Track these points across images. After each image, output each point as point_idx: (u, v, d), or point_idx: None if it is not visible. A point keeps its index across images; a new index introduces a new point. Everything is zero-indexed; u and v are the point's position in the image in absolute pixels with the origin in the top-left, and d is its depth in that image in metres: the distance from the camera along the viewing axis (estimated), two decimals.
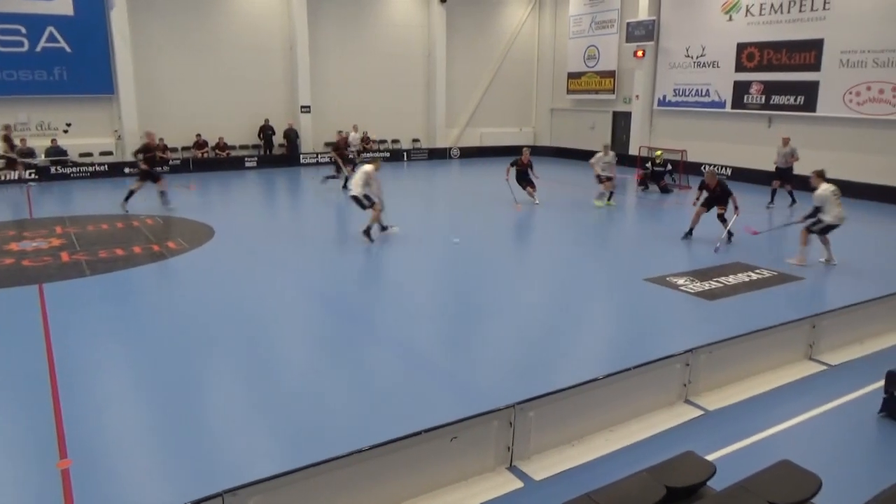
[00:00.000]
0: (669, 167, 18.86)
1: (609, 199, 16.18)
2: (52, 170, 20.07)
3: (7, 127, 19.20)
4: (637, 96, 24.02)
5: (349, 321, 8.20)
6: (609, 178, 16.03)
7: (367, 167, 11.99)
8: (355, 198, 11.89)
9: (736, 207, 11.86)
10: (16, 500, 4.52)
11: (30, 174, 19.56)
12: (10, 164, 19.09)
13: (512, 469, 4.83)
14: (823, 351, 6.99)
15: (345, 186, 16.93)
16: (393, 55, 25.72)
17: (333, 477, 4.13)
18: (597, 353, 7.31)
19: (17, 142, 19.66)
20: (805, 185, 11.62)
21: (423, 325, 8.13)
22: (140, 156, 14.58)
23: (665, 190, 18.61)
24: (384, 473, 4.33)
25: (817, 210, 10.23)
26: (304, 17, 23.22)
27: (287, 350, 7.31)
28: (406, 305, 8.77)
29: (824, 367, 6.74)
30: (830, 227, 10.35)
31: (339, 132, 19.91)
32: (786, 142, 16.27)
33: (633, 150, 23.29)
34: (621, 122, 25.57)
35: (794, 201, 16.19)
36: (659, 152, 19.08)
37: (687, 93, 22.69)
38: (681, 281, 9.59)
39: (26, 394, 6.00)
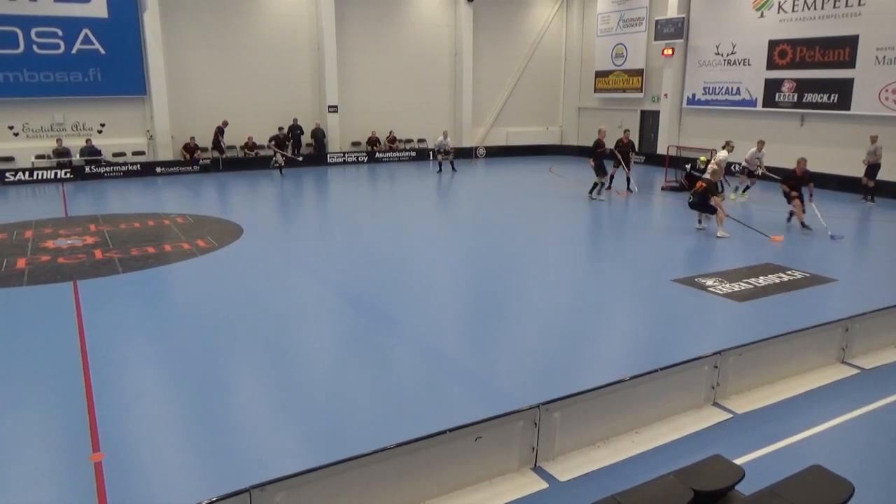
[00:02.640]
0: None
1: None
2: (87, 169, 20.55)
3: None
4: (666, 95, 23.73)
5: (374, 320, 8.24)
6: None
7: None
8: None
9: (811, 195, 13.06)
10: (51, 492, 4.64)
11: (65, 173, 20.07)
12: None
13: (536, 470, 4.81)
14: (857, 354, 6.83)
15: None
16: (420, 55, 25.80)
17: (358, 475, 4.16)
18: (624, 355, 7.25)
19: (53, 142, 20.20)
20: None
21: (448, 325, 8.14)
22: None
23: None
24: (408, 472, 4.35)
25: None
26: (332, 18, 23.43)
27: (312, 348, 7.39)
28: (432, 304, 8.78)
29: (857, 371, 6.59)
30: None
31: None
32: (873, 139, 16.20)
33: (661, 150, 23.01)
34: (649, 121, 25.29)
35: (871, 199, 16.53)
36: (703, 157, 18.36)
37: (717, 91, 22.35)
38: (709, 282, 9.46)
39: (61, 388, 6.15)
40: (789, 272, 9.98)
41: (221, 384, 6.33)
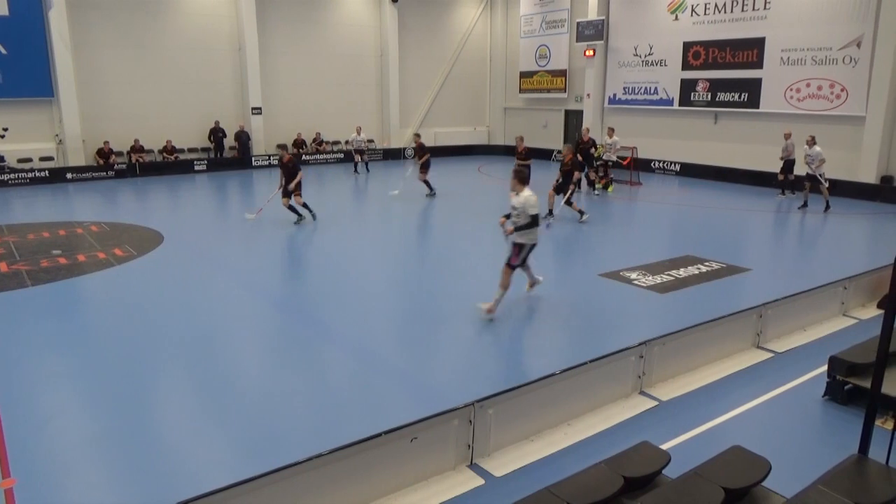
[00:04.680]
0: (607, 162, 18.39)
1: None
2: None
3: None
4: (588, 95, 24.41)
5: (301, 323, 8.09)
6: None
7: None
8: None
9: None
10: None
11: None
12: None
13: (472, 467, 4.84)
14: (770, 339, 7.23)
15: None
16: (345, 55, 25.53)
17: (294, 483, 4.06)
18: (554, 349, 7.39)
19: None
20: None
21: (377, 325, 8.08)
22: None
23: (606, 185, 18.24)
24: (345, 477, 4.28)
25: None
26: (253, 17, 22.84)
27: (239, 356, 7.16)
28: (359, 305, 8.69)
29: (771, 355, 6.97)
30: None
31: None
32: (787, 136, 17.04)
33: None
34: (573, 121, 25.95)
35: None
36: (601, 148, 18.81)
37: (636, 91, 23.18)
38: (633, 275, 9.79)
39: None
40: (707, 263, 10.46)
41: (143, 399, 6.03)
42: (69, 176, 20.24)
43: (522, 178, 7.87)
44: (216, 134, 22.94)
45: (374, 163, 24.55)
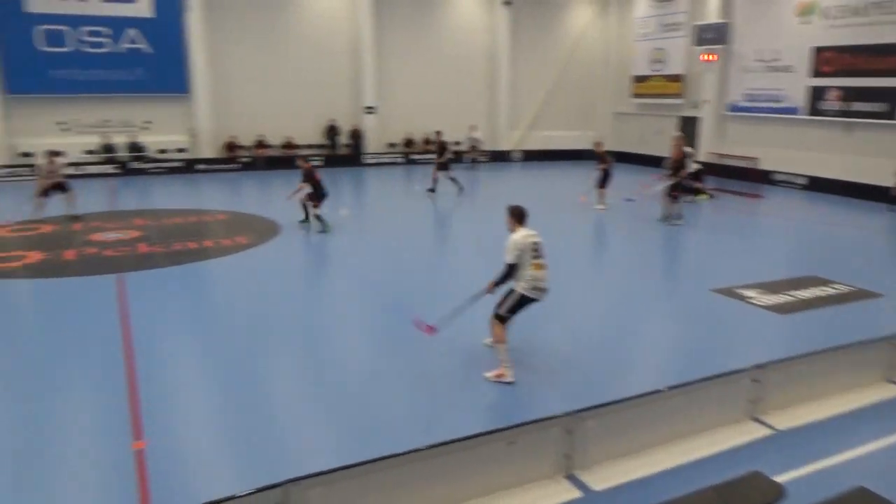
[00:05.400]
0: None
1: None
2: (132, 165, 21.11)
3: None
4: (707, 101, 23.32)
5: (410, 317, 8.28)
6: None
7: None
8: None
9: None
10: (94, 478, 4.79)
11: (112, 169, 20.65)
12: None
13: (570, 478, 4.78)
14: None
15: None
16: (457, 57, 25.85)
17: (392, 474, 4.20)
18: (661, 365, 7.15)
19: (100, 138, 20.80)
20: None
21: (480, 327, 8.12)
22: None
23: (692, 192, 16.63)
24: (441, 474, 4.36)
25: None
26: (370, 20, 23.64)
27: (350, 346, 7.46)
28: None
29: None
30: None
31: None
32: None
33: (701, 157, 22.61)
34: (688, 128, 24.87)
35: None
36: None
37: (759, 98, 21.88)
38: (750, 293, 9.26)
39: (106, 376, 6.33)
40: (834, 285, 9.72)
41: (259, 377, 6.44)
42: (200, 167, 21.87)
43: (514, 215, 6.32)
44: (331, 131, 23.96)
45: (480, 165, 24.73)
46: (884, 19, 18.00)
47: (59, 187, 13.68)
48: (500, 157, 26.70)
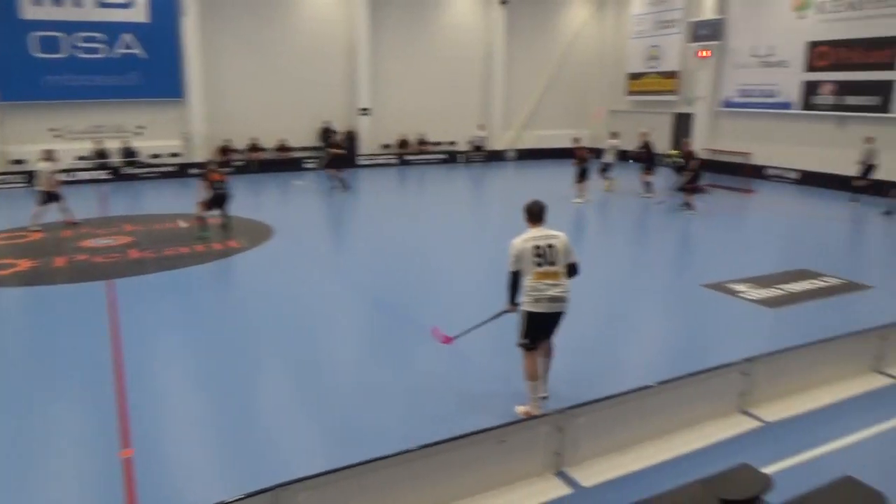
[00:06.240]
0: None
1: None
2: (125, 170, 21.08)
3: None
4: (701, 97, 23.36)
5: (401, 321, 8.29)
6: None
7: None
8: None
9: None
10: (80, 485, 4.79)
11: (104, 174, 20.61)
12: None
13: (560, 475, 4.79)
14: (893, 364, 6.64)
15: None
16: (452, 57, 25.84)
17: (382, 476, 4.19)
18: (651, 360, 7.16)
19: (93, 144, 20.76)
20: None
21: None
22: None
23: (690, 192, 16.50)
24: (431, 474, 4.37)
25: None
26: (366, 21, 23.64)
27: (339, 349, 7.47)
28: (455, 303, 8.78)
29: (893, 381, 6.41)
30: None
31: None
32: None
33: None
34: (682, 124, 24.91)
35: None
36: (675, 152, 18.60)
37: (753, 93, 21.92)
38: (741, 287, 9.29)
39: (94, 383, 6.32)
40: (824, 279, 9.75)
41: (249, 383, 6.44)
42: (194, 171, 21.81)
43: (525, 211, 5.60)
44: (326, 133, 23.94)
45: (475, 164, 24.75)
46: (877, 13, 18.07)
47: (54, 197, 13.64)
48: (494, 156, 26.70)
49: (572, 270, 5.45)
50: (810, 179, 19.76)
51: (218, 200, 12.91)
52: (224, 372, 6.63)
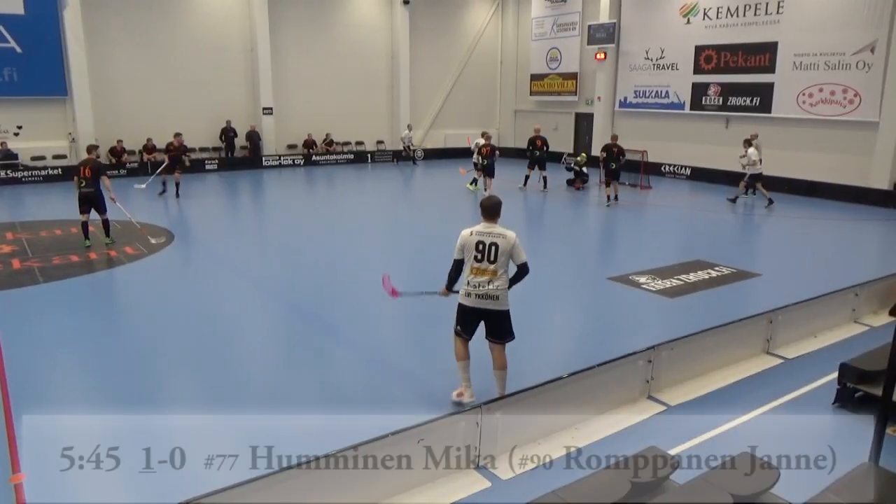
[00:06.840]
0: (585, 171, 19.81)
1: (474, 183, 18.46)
2: (3, 174, 19.39)
3: None
4: (599, 98, 24.35)
5: (311, 323, 8.10)
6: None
7: None
8: None
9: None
10: None
11: None
12: None
13: (479, 469, 4.83)
14: (780, 345, 7.17)
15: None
16: (356, 57, 25.61)
17: (303, 481, 4.07)
18: (562, 352, 7.38)
19: None
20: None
21: (383, 325, 8.08)
22: None
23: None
24: (352, 477, 4.28)
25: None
26: (265, 18, 22.97)
27: (245, 354, 7.19)
28: (371, 308, 8.69)
29: (781, 361, 6.92)
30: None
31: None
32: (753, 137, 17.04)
33: (595, 152, 23.55)
34: (584, 124, 25.89)
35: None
36: (582, 156, 20.05)
37: (647, 94, 23.10)
38: (643, 279, 9.75)
39: None
40: (717, 268, 10.40)
41: (148, 397, 6.06)
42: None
43: (482, 208, 5.59)
44: (227, 134, 23.07)
45: (383, 164, 24.62)
46: (755, 20, 19.51)
47: None
48: (401, 156, 26.66)
49: (521, 271, 5.54)
50: (701, 175, 21.09)
51: (83, 201, 11.52)
52: (121, 387, 6.21)
